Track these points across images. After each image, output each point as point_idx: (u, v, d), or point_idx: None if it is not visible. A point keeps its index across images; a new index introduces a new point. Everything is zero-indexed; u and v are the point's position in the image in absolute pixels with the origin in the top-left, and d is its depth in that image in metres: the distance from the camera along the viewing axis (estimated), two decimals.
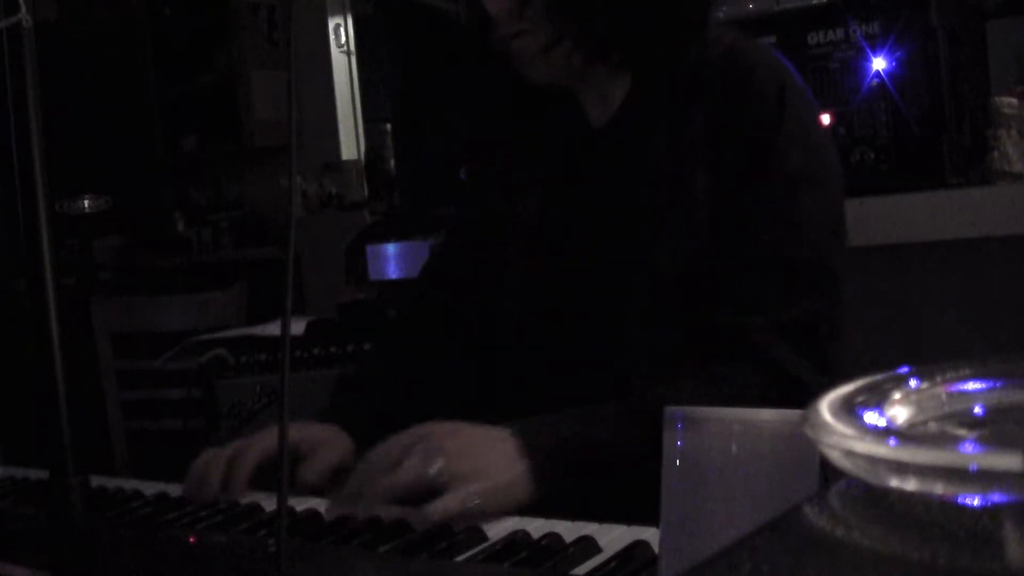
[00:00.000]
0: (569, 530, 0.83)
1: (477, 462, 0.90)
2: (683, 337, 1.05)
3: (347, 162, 4.39)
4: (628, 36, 1.06)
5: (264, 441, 1.06)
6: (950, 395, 0.34)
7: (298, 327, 2.31)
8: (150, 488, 1.11)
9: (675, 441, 0.53)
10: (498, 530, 0.85)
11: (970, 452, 0.26)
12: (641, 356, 1.06)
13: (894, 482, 0.28)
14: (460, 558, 0.80)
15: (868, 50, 1.78)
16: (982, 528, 0.26)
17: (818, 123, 1.13)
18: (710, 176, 1.06)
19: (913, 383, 0.34)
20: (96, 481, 1.10)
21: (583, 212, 1.14)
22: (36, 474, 1.18)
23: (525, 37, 1.06)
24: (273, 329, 2.38)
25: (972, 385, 0.34)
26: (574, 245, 1.14)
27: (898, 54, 1.76)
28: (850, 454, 0.29)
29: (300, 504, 0.99)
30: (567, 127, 1.17)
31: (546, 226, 1.16)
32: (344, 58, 4.58)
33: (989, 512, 0.26)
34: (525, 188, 1.18)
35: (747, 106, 1.06)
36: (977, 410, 0.33)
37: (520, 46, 1.07)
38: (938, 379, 0.34)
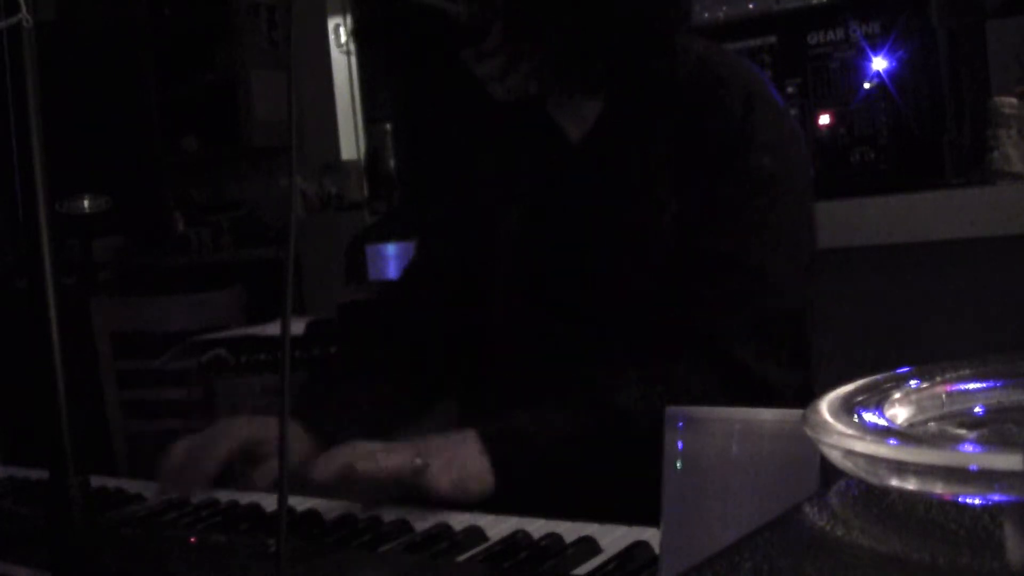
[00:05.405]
0: (569, 530, 0.83)
1: (448, 453, 0.96)
2: (650, 338, 1.07)
3: (347, 162, 4.38)
4: (583, 59, 1.05)
5: (226, 437, 1.08)
6: (950, 395, 0.34)
7: (298, 327, 2.31)
8: (150, 488, 1.11)
9: (675, 441, 0.53)
10: (498, 530, 0.85)
11: (970, 452, 0.26)
12: (612, 355, 1.08)
13: (894, 482, 0.28)
14: (460, 558, 0.80)
15: (868, 50, 1.78)
16: (982, 528, 0.26)
17: (788, 127, 1.14)
18: (676, 183, 1.07)
19: (913, 383, 0.34)
20: (96, 481, 1.10)
21: (561, 227, 1.15)
22: (36, 474, 1.18)
23: (486, 60, 1.06)
24: (273, 329, 2.39)
25: (972, 385, 0.34)
26: (554, 260, 1.15)
27: (898, 54, 1.76)
28: (850, 454, 0.29)
29: (300, 504, 0.99)
30: (546, 142, 1.17)
31: (526, 242, 1.17)
32: (344, 58, 4.58)
33: (989, 512, 0.26)
34: (505, 204, 1.18)
35: (715, 114, 1.08)
36: (977, 410, 0.33)
37: (482, 68, 1.07)
38: (938, 379, 0.34)
